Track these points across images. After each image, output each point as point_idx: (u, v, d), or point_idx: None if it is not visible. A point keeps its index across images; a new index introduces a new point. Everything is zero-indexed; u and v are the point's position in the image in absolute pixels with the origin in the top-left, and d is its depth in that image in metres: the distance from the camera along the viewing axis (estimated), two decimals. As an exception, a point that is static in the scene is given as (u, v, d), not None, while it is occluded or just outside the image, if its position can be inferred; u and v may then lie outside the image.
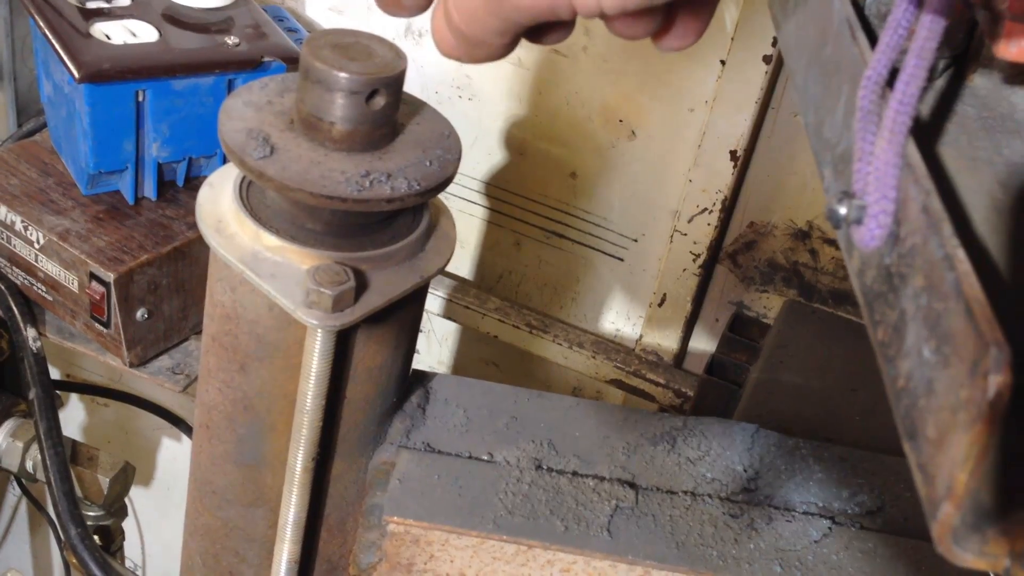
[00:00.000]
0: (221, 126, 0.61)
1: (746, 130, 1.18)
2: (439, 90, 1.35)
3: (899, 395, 0.35)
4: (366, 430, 0.73)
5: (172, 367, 1.13)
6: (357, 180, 0.59)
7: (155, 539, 2.14)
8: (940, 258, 0.33)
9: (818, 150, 0.48)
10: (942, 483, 0.31)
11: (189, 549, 0.82)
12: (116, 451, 1.98)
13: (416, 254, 0.66)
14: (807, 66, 0.52)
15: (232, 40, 1.07)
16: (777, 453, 0.80)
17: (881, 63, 0.39)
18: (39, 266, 1.09)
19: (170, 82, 1.03)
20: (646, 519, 0.74)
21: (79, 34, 1.02)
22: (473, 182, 1.41)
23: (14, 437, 1.21)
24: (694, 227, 1.26)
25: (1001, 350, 0.29)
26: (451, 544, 0.72)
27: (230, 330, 0.67)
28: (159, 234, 1.08)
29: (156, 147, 1.07)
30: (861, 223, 0.37)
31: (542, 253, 1.42)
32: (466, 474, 0.74)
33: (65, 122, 1.08)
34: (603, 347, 1.37)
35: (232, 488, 0.74)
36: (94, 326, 1.08)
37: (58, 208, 1.09)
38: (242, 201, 0.65)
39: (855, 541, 0.75)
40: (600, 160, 1.32)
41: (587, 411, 0.81)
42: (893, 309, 0.36)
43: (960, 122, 0.53)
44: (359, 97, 0.59)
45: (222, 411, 0.71)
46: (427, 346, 1.60)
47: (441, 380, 0.81)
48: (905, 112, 0.36)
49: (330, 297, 0.60)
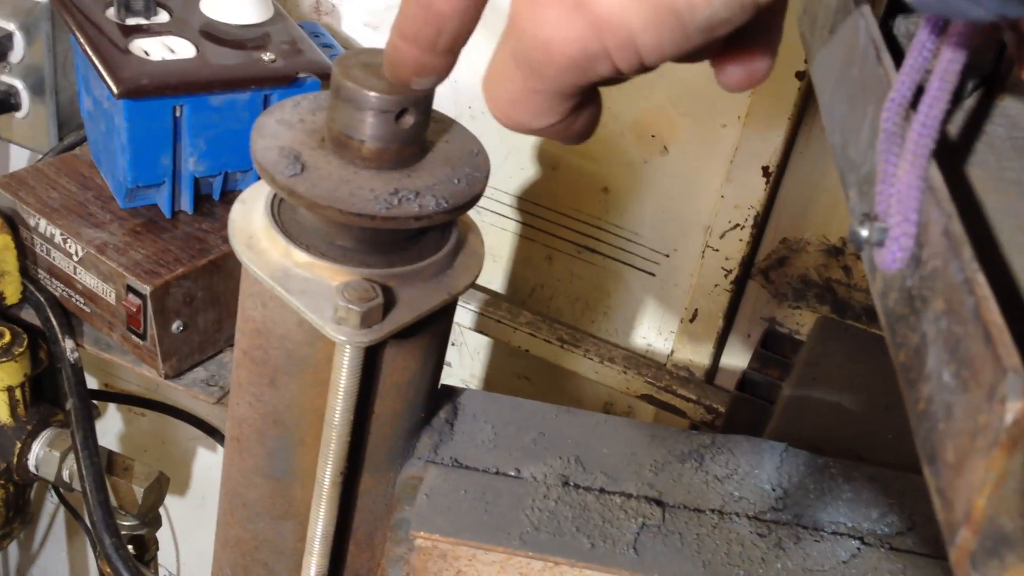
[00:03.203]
0: (253, 144, 0.62)
1: (778, 146, 1.18)
2: (472, 104, 1.35)
3: (919, 419, 0.35)
4: (394, 445, 0.73)
5: (207, 379, 1.14)
6: (386, 198, 0.60)
7: (190, 548, 2.16)
8: (960, 282, 0.33)
9: (844, 171, 0.48)
10: (960, 508, 0.31)
11: (219, 561, 0.83)
12: (152, 461, 2.00)
13: (444, 271, 0.67)
14: (834, 86, 0.52)
15: (268, 56, 1.09)
16: (806, 472, 0.80)
17: (905, 85, 0.39)
18: (77, 278, 1.11)
19: (207, 98, 1.05)
20: (673, 537, 0.73)
21: (118, 50, 1.04)
22: (505, 196, 1.41)
23: (51, 447, 1.23)
24: (726, 243, 1.26)
25: (1019, 376, 0.29)
26: (478, 559, 0.73)
27: (260, 345, 0.68)
28: (195, 247, 1.09)
29: (193, 162, 1.08)
30: (883, 245, 0.37)
31: (574, 267, 1.43)
32: (493, 490, 0.75)
33: (104, 137, 1.10)
34: (634, 362, 1.37)
35: (262, 501, 0.75)
36: (130, 338, 1.09)
37: (97, 221, 1.11)
38: (273, 217, 0.66)
39: (884, 562, 0.74)
40: (632, 175, 1.32)
41: (615, 428, 0.81)
42: (914, 332, 0.36)
43: (989, 142, 0.53)
44: (389, 116, 0.59)
45: (252, 425, 0.72)
46: (459, 359, 1.61)
47: (469, 395, 0.81)
48: (928, 135, 0.36)
49: (358, 314, 0.60)
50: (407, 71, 0.52)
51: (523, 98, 0.46)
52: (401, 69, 0.52)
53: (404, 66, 0.52)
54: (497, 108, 0.47)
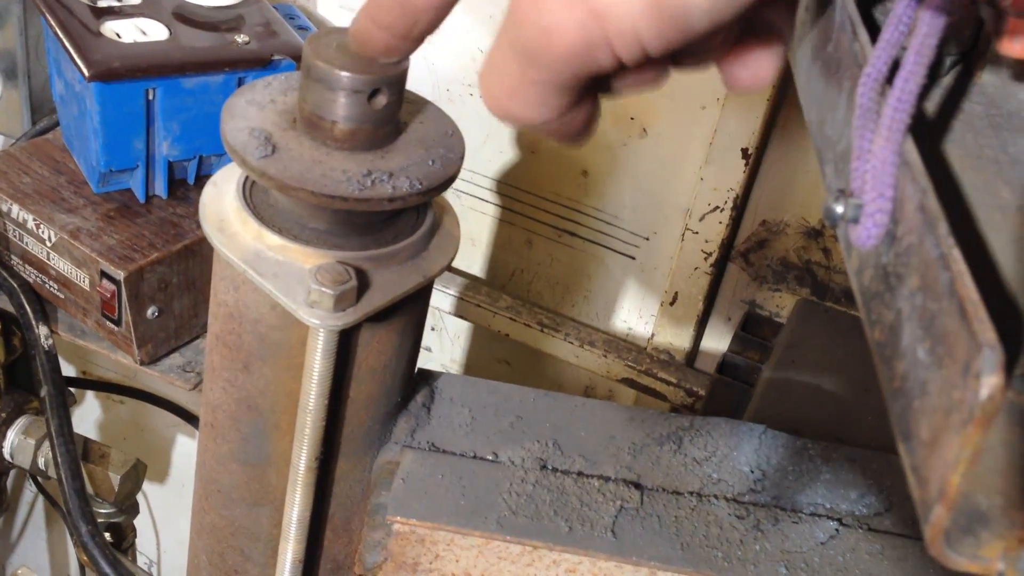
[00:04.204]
0: (223, 125, 0.61)
1: (758, 128, 1.18)
2: (450, 87, 1.34)
3: (894, 396, 0.35)
4: (370, 430, 0.73)
5: (183, 365, 1.13)
6: (359, 179, 0.59)
7: (170, 535, 2.15)
8: (935, 257, 0.32)
9: (820, 148, 0.48)
10: (935, 485, 0.31)
11: (195, 547, 0.82)
12: (131, 448, 1.98)
13: (419, 253, 0.66)
14: (811, 63, 0.51)
15: (242, 38, 1.07)
16: (784, 454, 0.80)
17: (881, 60, 0.39)
18: (51, 264, 1.10)
19: (180, 80, 1.03)
20: (651, 520, 0.73)
21: (90, 32, 1.02)
22: (485, 180, 1.41)
23: (26, 434, 1.22)
24: (706, 225, 1.26)
25: (994, 351, 0.28)
26: (456, 544, 0.72)
27: (233, 329, 0.67)
28: (170, 232, 1.08)
29: (166, 145, 1.07)
30: (858, 222, 0.36)
31: (554, 251, 1.42)
32: (470, 474, 0.74)
33: (76, 120, 1.09)
34: (614, 346, 1.37)
35: (237, 487, 0.74)
36: (105, 324, 1.08)
37: (69, 206, 1.09)
38: (245, 200, 0.65)
39: (862, 543, 0.74)
40: (611, 158, 1.31)
41: (593, 411, 0.81)
42: (889, 309, 0.35)
43: (967, 120, 0.53)
44: (361, 96, 0.58)
45: (226, 410, 0.71)
46: (440, 344, 1.60)
47: (446, 379, 0.81)
48: (903, 110, 0.36)
49: (332, 297, 0.59)
50: (376, 51, 0.53)
51: (521, 89, 0.45)
52: (369, 49, 0.53)
53: (373, 47, 0.53)
54: (493, 100, 0.46)
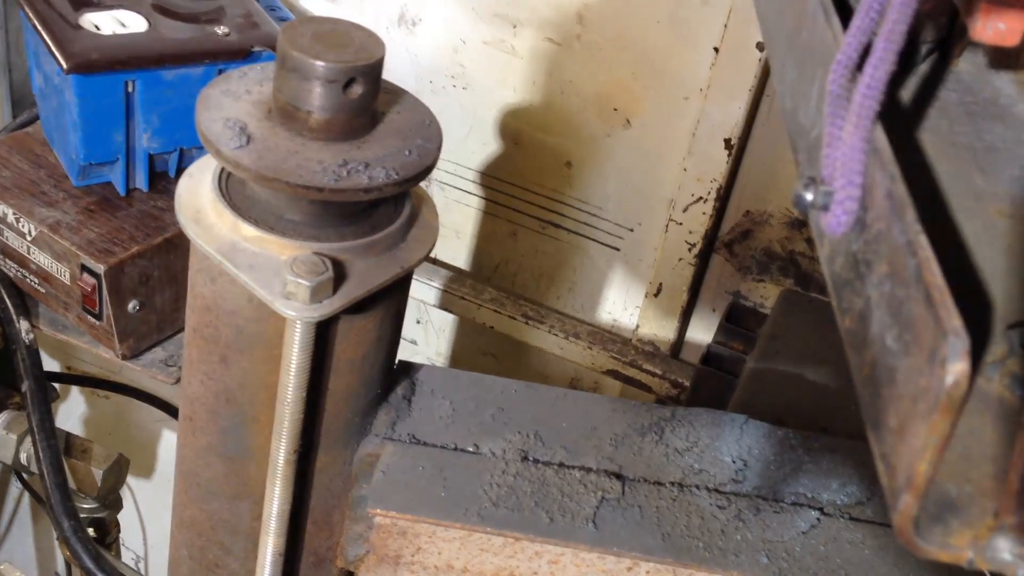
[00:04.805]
0: (198, 115, 0.60)
1: (740, 118, 1.17)
2: (433, 79, 1.34)
3: (864, 384, 0.34)
4: (350, 422, 0.72)
5: (165, 359, 1.13)
6: (334, 170, 0.59)
7: (157, 530, 2.14)
8: (903, 244, 0.32)
9: (794, 136, 0.47)
10: (902, 473, 0.31)
11: (176, 542, 0.82)
12: (116, 443, 1.98)
13: (397, 244, 0.66)
14: (785, 51, 0.51)
15: (222, 30, 1.07)
16: (766, 444, 0.80)
17: (852, 46, 0.39)
18: (31, 258, 1.09)
19: (160, 72, 1.03)
20: (632, 510, 0.73)
21: (68, 24, 1.02)
22: (469, 172, 1.40)
23: (8, 429, 1.21)
24: (689, 216, 1.25)
25: (959, 338, 0.28)
26: (438, 536, 0.72)
27: (210, 321, 0.66)
28: (150, 225, 1.08)
29: (147, 138, 1.06)
30: (827, 209, 0.36)
31: (538, 243, 1.42)
32: (451, 466, 0.74)
33: (56, 113, 1.08)
34: (599, 337, 1.37)
35: (216, 481, 0.74)
36: (86, 318, 1.08)
37: (49, 200, 1.09)
38: (221, 192, 0.64)
39: (843, 532, 0.74)
40: (595, 149, 1.31)
41: (575, 402, 0.80)
42: (859, 296, 0.35)
43: (942, 107, 0.52)
44: (336, 86, 0.58)
45: (204, 403, 0.71)
46: (425, 337, 1.60)
47: (428, 371, 0.80)
48: (872, 96, 0.36)
49: (308, 288, 0.59)
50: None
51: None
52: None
53: None
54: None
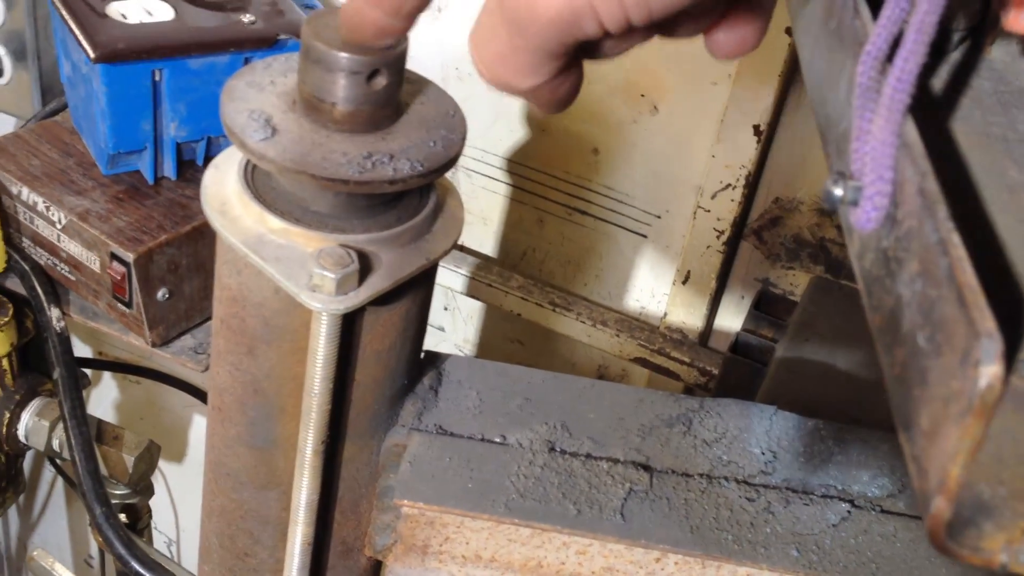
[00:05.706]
0: (223, 107, 0.60)
1: (769, 104, 1.16)
2: (459, 67, 1.33)
3: (895, 384, 0.34)
4: (376, 412, 0.72)
5: (195, 347, 1.13)
6: (359, 161, 0.58)
7: (189, 514, 2.16)
8: (934, 242, 0.31)
9: (823, 128, 0.47)
10: (935, 476, 0.30)
11: (206, 530, 0.82)
12: (148, 428, 2.00)
13: (423, 235, 0.66)
14: (814, 41, 0.50)
15: (248, 18, 1.07)
16: (796, 435, 0.79)
17: (881, 37, 0.38)
18: (61, 246, 1.10)
19: (186, 61, 1.03)
20: (660, 502, 0.73)
21: (95, 14, 1.02)
22: (495, 159, 1.40)
23: (40, 416, 1.23)
24: (718, 203, 1.24)
25: (992, 340, 0.28)
26: (466, 526, 0.72)
27: (237, 313, 0.67)
28: (179, 214, 1.08)
29: (174, 127, 1.07)
30: (857, 205, 0.35)
31: (565, 230, 1.41)
32: (478, 457, 0.74)
33: (84, 102, 1.08)
34: (627, 325, 1.36)
35: (245, 470, 0.74)
36: (116, 306, 1.08)
37: (79, 188, 1.09)
38: (247, 183, 0.64)
39: (875, 525, 0.74)
40: (622, 136, 1.30)
41: (602, 392, 0.80)
42: (890, 294, 0.35)
43: (975, 96, 0.51)
44: (360, 77, 0.58)
45: (233, 394, 0.71)
46: (452, 324, 1.60)
47: (454, 361, 0.80)
48: (903, 89, 0.35)
49: (334, 280, 0.59)
50: (367, 34, 0.53)
51: (509, 56, 0.45)
52: (361, 31, 0.53)
53: (365, 29, 0.52)
54: (483, 65, 0.47)
